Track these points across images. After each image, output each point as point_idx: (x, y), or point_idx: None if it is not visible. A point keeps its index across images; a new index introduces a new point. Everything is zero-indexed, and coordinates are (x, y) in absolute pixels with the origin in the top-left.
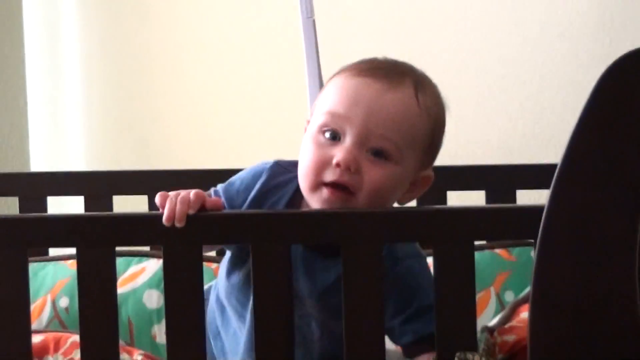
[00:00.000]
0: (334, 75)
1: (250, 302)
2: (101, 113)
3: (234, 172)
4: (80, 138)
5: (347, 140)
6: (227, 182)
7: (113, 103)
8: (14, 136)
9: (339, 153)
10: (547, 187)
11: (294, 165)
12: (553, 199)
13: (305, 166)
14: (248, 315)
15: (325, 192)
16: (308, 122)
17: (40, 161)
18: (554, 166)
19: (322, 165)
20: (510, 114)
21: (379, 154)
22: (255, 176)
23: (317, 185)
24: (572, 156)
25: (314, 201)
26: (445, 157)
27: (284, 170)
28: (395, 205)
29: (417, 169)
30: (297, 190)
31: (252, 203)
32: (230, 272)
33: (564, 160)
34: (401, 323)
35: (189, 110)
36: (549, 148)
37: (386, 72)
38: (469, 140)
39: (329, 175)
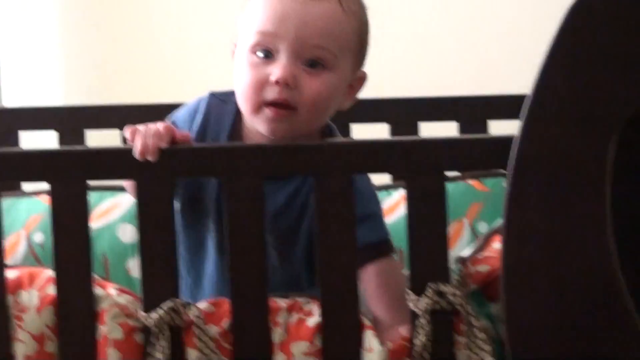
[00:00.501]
0: None
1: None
2: (73, 47)
3: None
4: (52, 73)
5: (282, 57)
6: (168, 120)
7: (85, 37)
8: None
9: (276, 70)
10: (518, 117)
11: (229, 94)
12: (524, 131)
13: (243, 89)
14: (210, 249)
15: (267, 112)
16: (235, 45)
17: (12, 96)
18: (524, 96)
19: (260, 84)
20: (483, 44)
21: (314, 65)
22: (193, 112)
23: (259, 105)
24: (542, 89)
25: (258, 122)
26: (417, 88)
27: (220, 102)
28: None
29: (351, 72)
30: (236, 119)
31: (196, 139)
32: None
33: (533, 93)
34: None
35: (162, 43)
36: (521, 78)
37: None
38: (441, 71)
39: (270, 94)
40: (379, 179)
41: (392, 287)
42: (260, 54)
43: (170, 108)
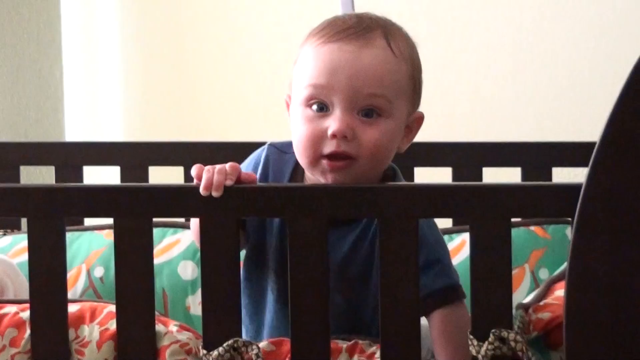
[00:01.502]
0: (303, 45)
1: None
2: (138, 84)
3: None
4: (116, 109)
5: (337, 109)
6: None
7: (150, 75)
8: (50, 107)
9: (332, 123)
10: (582, 165)
11: (288, 144)
12: (591, 178)
13: (300, 143)
14: (269, 299)
15: (325, 163)
16: (289, 96)
17: (76, 132)
18: (589, 144)
19: (317, 138)
20: (547, 92)
21: (370, 113)
22: (255, 163)
23: (317, 158)
24: (611, 135)
25: (317, 174)
26: (482, 133)
27: (279, 152)
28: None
29: (407, 114)
30: (295, 168)
31: None
32: (247, 267)
33: (602, 139)
34: None
35: (226, 82)
36: (586, 126)
37: (354, 31)
38: (506, 117)
39: (327, 147)
40: (440, 223)
41: (456, 335)
42: (315, 108)
43: (234, 146)
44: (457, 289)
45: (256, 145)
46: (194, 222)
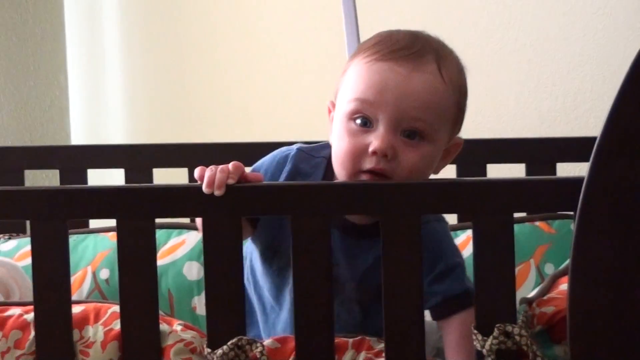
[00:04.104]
0: (354, 57)
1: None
2: (141, 87)
3: (273, 145)
4: (120, 112)
5: (381, 127)
6: (251, 168)
7: (153, 77)
8: (55, 110)
9: (374, 141)
10: (586, 160)
11: (316, 150)
12: (592, 171)
13: (340, 155)
14: (287, 295)
15: (363, 177)
16: (333, 104)
17: (81, 136)
18: (593, 139)
19: (359, 153)
20: (550, 88)
21: (413, 136)
22: (280, 164)
23: (355, 173)
24: (612, 129)
25: None
26: (486, 130)
27: (308, 157)
28: (432, 175)
29: (448, 140)
30: (326, 174)
31: None
32: (263, 265)
33: (603, 132)
34: (427, 285)
35: (229, 83)
36: (589, 121)
37: (407, 52)
38: (510, 114)
39: (367, 164)
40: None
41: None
42: (359, 122)
43: (238, 147)
44: (472, 294)
45: (260, 146)
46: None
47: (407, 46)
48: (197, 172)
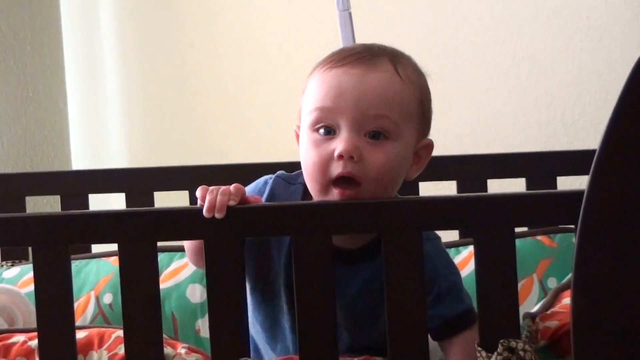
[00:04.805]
0: (310, 74)
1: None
2: (140, 111)
3: (274, 166)
4: (120, 136)
5: (344, 131)
6: None
7: (152, 101)
8: (55, 136)
9: (339, 145)
10: (587, 173)
11: (294, 177)
12: (592, 184)
13: (309, 168)
14: (284, 324)
15: (335, 192)
16: (298, 127)
17: (81, 160)
18: (593, 152)
19: (326, 162)
20: (549, 101)
21: (377, 135)
22: (260, 190)
23: (327, 185)
24: (611, 141)
25: None
26: (485, 145)
27: (286, 184)
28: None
29: (416, 140)
30: (303, 199)
31: None
32: (253, 299)
33: (602, 145)
34: None
35: (228, 105)
36: (589, 134)
37: (360, 56)
38: (509, 129)
39: (335, 169)
40: (447, 236)
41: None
42: (322, 131)
43: (239, 168)
44: (473, 312)
45: (261, 167)
46: (189, 243)
47: (361, 51)
48: (198, 191)
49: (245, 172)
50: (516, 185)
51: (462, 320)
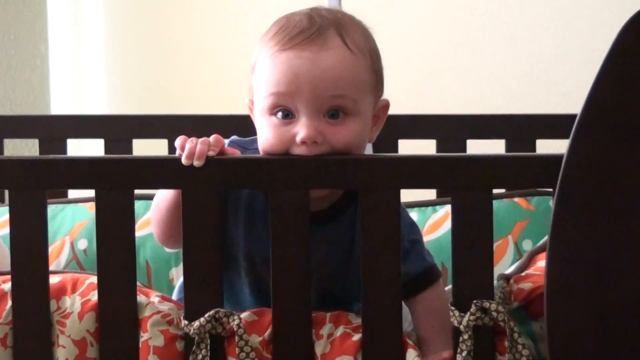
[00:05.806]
0: (259, 51)
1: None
2: (122, 58)
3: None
4: (100, 83)
5: (303, 116)
6: None
7: (133, 49)
8: (35, 79)
9: (300, 130)
10: (566, 137)
11: (249, 142)
12: (572, 149)
13: (269, 148)
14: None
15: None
16: (251, 101)
17: (61, 105)
18: (574, 116)
19: (287, 145)
20: (531, 64)
21: (336, 114)
22: None
23: None
24: (591, 106)
25: None
26: (466, 106)
27: (241, 149)
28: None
29: (373, 106)
30: None
31: None
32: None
33: (583, 110)
34: None
35: (212, 55)
36: (570, 98)
37: (307, 34)
38: (490, 90)
39: (299, 152)
40: (424, 194)
41: (441, 313)
42: (280, 115)
43: (219, 119)
44: (435, 270)
45: (241, 119)
46: (159, 195)
47: (307, 28)
48: (178, 141)
49: (225, 123)
50: (496, 146)
51: (425, 278)
